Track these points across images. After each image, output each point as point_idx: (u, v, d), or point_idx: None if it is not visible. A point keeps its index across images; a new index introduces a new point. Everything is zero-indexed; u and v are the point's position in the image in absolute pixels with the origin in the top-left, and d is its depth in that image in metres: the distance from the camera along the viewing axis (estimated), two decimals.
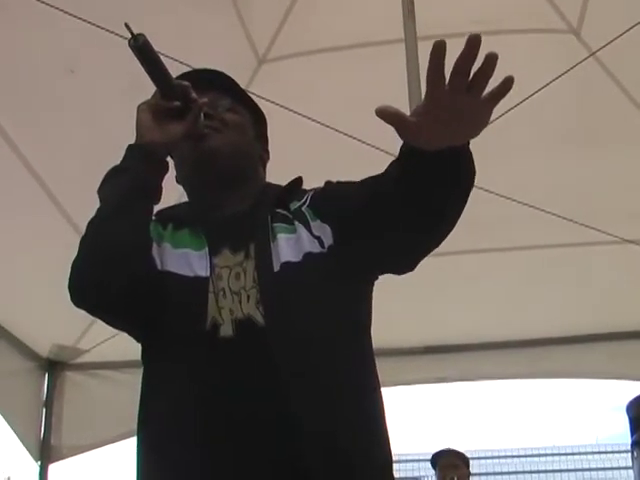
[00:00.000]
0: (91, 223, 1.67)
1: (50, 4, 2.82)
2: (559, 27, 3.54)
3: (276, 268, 1.62)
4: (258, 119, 1.93)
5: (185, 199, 1.91)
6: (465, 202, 1.57)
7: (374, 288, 1.78)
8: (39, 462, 4.76)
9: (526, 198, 3.80)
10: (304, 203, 1.74)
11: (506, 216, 4.00)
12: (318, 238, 1.67)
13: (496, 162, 3.81)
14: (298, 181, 1.83)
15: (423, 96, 3.01)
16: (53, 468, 4.83)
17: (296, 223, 1.69)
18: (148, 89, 1.80)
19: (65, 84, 3.30)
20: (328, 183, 1.79)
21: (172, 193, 2.18)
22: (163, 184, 1.74)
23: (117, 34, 2.82)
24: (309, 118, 3.34)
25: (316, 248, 1.66)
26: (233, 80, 1.89)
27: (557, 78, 3.27)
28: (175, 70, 2.97)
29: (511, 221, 4.06)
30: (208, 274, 1.64)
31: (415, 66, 3.19)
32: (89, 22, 2.84)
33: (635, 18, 3.08)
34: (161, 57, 1.70)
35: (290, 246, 1.65)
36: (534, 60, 3.54)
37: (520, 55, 3.55)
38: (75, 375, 4.99)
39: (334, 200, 1.72)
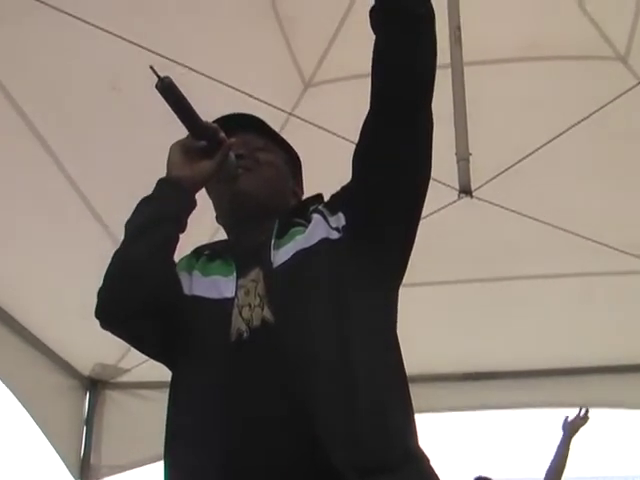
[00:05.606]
0: (115, 252, 1.75)
1: (97, 25, 2.87)
2: (606, 54, 3.51)
3: (281, 261, 1.67)
4: (291, 158, 2.00)
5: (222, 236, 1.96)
6: (430, 63, 1.78)
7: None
8: None
9: (569, 225, 3.76)
10: (320, 203, 1.83)
11: (551, 243, 3.96)
12: (336, 229, 1.72)
13: (540, 188, 3.79)
14: (318, 195, 1.90)
15: (469, 121, 3.00)
16: None
17: (313, 217, 1.75)
18: None
19: (108, 101, 3.34)
20: None
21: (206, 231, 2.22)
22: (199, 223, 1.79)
23: (161, 55, 2.86)
24: (354, 142, 3.34)
25: (334, 235, 1.71)
26: (265, 122, 1.97)
27: (604, 106, 3.24)
28: (222, 94, 3.02)
29: (556, 248, 4.02)
30: (234, 295, 1.67)
31: (461, 91, 3.18)
32: (134, 43, 2.88)
33: None
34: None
35: (304, 238, 1.71)
36: (581, 87, 3.52)
37: (567, 81, 3.54)
38: (116, 394, 5.01)
39: (344, 191, 1.80)
